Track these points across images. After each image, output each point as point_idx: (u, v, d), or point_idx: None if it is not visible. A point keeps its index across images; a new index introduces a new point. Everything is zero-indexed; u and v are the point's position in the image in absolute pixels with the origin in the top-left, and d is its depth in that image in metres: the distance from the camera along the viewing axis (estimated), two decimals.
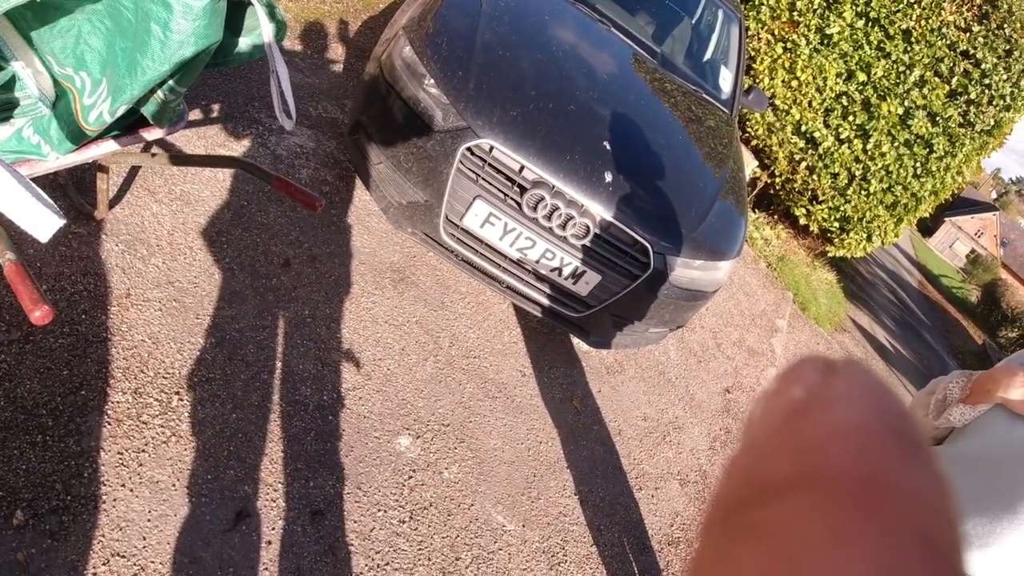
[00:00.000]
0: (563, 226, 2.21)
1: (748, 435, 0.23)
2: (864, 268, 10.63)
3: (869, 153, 5.82)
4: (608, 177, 2.27)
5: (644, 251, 2.29)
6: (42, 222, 0.98)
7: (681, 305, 2.50)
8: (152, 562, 1.43)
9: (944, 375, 1.44)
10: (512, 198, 2.22)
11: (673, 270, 2.36)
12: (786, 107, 5.92)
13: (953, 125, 5.68)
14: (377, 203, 2.41)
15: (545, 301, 2.42)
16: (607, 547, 2.24)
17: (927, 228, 40.28)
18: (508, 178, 2.21)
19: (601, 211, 2.22)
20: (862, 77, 5.70)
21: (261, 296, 2.09)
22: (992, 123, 5.66)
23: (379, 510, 1.84)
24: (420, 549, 1.83)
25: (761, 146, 6.17)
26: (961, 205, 41.02)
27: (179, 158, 1.76)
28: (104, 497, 1.47)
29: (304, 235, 2.38)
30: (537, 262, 2.30)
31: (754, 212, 6.44)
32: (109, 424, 1.59)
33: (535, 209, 2.20)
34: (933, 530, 0.18)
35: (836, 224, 6.23)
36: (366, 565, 1.71)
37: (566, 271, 2.30)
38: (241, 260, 2.14)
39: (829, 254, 6.71)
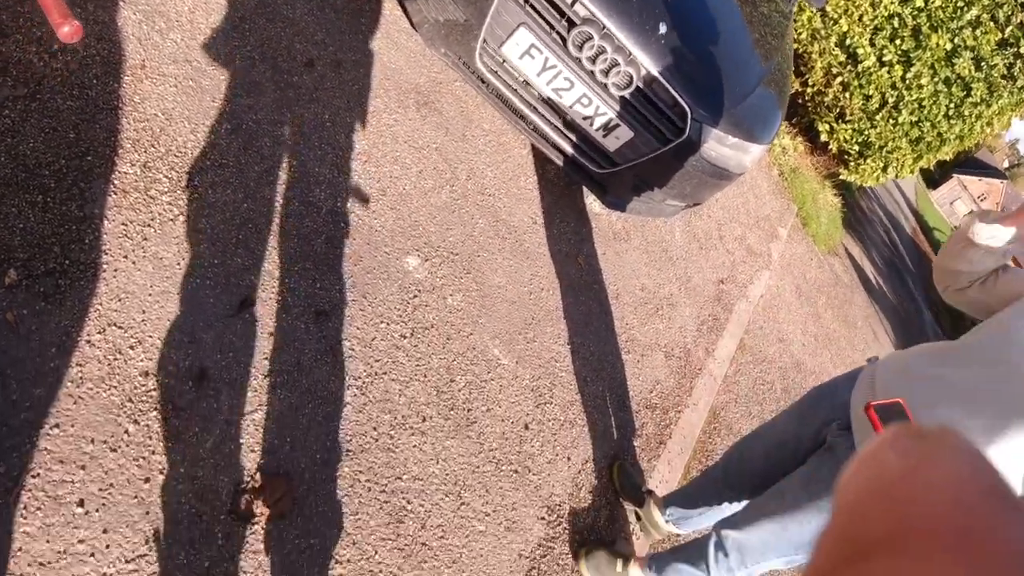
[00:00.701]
0: (606, 72, 2.10)
1: (842, 498, 0.23)
2: (866, 204, 10.57)
3: (907, 82, 5.63)
4: (662, 29, 2.13)
5: (682, 115, 2.19)
6: None
7: (705, 181, 2.44)
8: (150, 336, 1.41)
9: (919, 320, 1.38)
10: (559, 32, 2.08)
11: (706, 142, 2.28)
12: (836, 16, 5.60)
13: (996, 74, 5.52)
14: (411, 16, 2.26)
15: (570, 150, 2.34)
16: (590, 398, 2.31)
17: (933, 180, 39.86)
18: (558, 9, 2.06)
19: (648, 63, 2.10)
20: (919, 2, 5.40)
21: (281, 91, 1.98)
22: None
23: (382, 322, 1.85)
24: (418, 365, 1.86)
25: (800, 51, 5.89)
26: (973, 165, 40.38)
27: None
28: (104, 266, 1.42)
29: (330, 38, 2.23)
30: (571, 107, 2.20)
31: None
32: (115, 194, 1.52)
33: (581, 48, 2.07)
34: None
35: (856, 147, 6.10)
36: (365, 371, 1.74)
37: (598, 122, 2.21)
38: (263, 51, 2.01)
39: (841, 177, 6.62)
